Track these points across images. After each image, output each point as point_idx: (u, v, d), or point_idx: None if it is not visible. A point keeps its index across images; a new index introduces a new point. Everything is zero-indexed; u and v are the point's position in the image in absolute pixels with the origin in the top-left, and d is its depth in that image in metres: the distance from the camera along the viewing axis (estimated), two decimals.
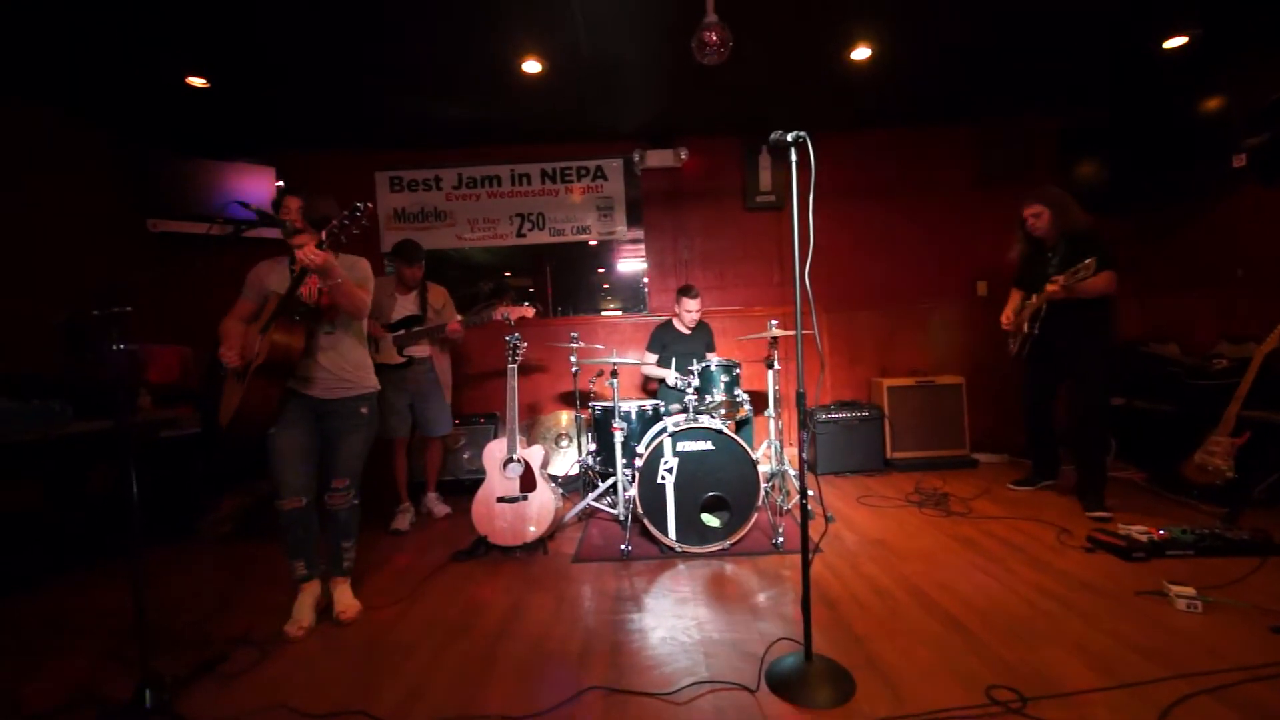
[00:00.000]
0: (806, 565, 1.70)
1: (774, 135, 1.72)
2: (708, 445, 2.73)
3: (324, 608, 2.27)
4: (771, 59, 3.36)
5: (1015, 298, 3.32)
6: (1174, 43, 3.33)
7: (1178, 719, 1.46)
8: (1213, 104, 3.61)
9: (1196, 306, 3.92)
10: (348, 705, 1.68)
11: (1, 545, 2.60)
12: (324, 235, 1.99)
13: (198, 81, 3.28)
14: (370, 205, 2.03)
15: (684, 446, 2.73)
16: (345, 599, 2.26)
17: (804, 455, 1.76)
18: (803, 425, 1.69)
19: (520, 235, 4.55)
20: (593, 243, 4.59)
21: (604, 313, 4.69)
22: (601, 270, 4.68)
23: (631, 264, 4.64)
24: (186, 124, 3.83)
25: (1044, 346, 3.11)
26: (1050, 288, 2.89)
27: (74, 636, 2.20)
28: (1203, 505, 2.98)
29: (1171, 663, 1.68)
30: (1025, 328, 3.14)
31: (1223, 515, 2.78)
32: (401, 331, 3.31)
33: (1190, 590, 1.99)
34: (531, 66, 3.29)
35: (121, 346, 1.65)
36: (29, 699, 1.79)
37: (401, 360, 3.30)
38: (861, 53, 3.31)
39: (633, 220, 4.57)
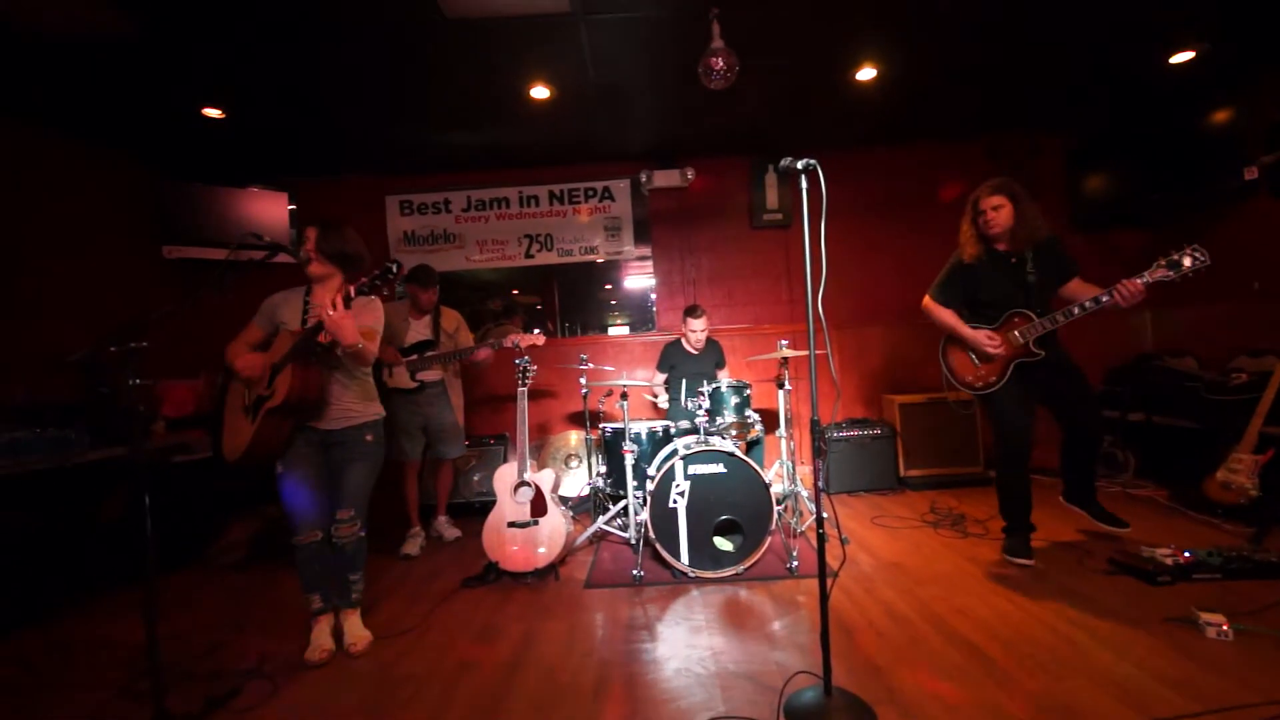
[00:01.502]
0: (824, 599, 1.67)
1: (783, 162, 1.72)
2: (719, 468, 2.71)
3: (341, 634, 2.26)
4: (777, 82, 3.39)
5: (950, 315, 2.74)
6: (1181, 58, 3.32)
7: None
8: (1222, 116, 3.60)
9: (1211, 319, 3.87)
10: None
11: (14, 574, 2.60)
12: (353, 290, 2.00)
13: (213, 112, 3.34)
14: (402, 267, 2.05)
15: (696, 469, 2.71)
16: (355, 630, 2.24)
17: (819, 484, 1.74)
18: (817, 454, 1.67)
19: (529, 256, 4.57)
20: (600, 260, 4.61)
21: (611, 329, 4.70)
22: (609, 287, 4.70)
23: (639, 280, 4.66)
24: (201, 152, 3.90)
25: (1026, 371, 2.62)
26: (1136, 286, 2.30)
27: (87, 670, 2.19)
28: (1227, 524, 2.92)
29: (1204, 696, 1.63)
30: (1034, 349, 2.56)
31: (1249, 535, 2.72)
32: (415, 357, 3.33)
33: (1220, 617, 1.94)
34: (540, 93, 3.33)
35: (137, 381, 1.66)
36: None
37: (414, 385, 3.32)
38: (867, 73, 3.33)
39: (640, 239, 4.59)
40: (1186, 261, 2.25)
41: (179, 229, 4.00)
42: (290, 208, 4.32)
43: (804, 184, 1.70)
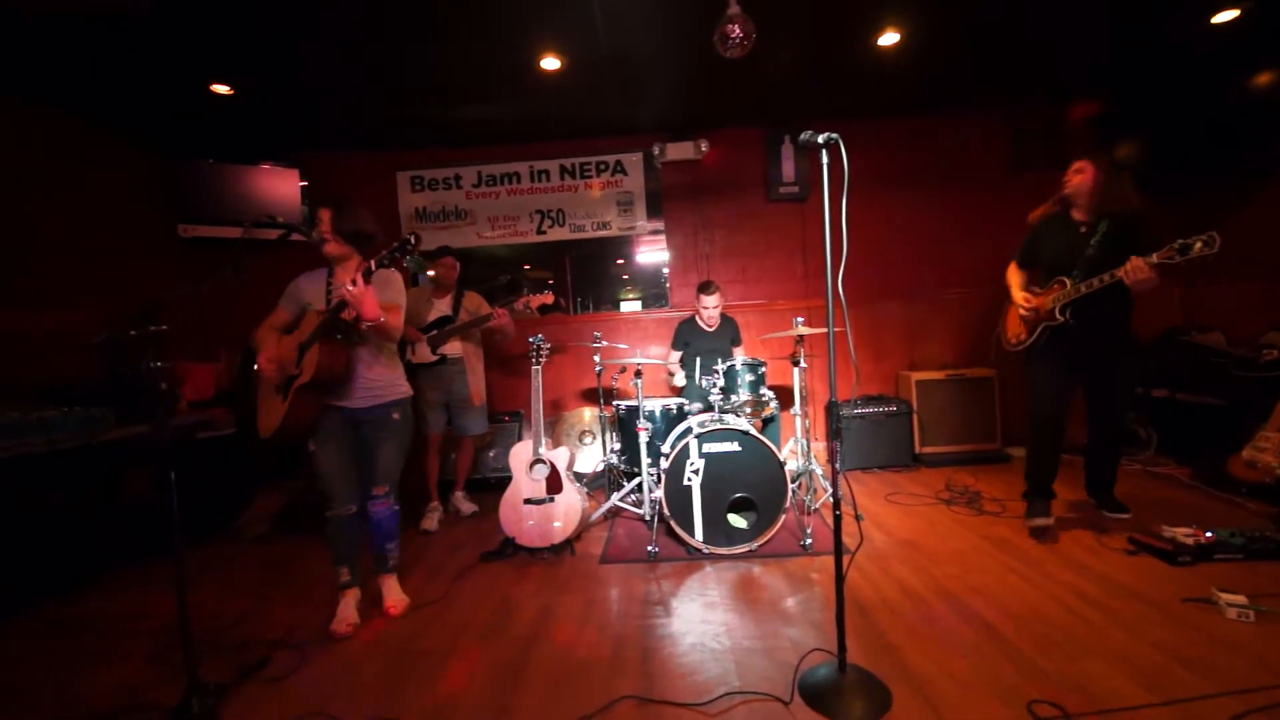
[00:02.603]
0: (840, 579, 1.68)
1: (804, 136, 1.67)
2: (734, 446, 2.71)
3: (368, 605, 2.34)
4: (795, 48, 3.27)
5: (1019, 276, 2.82)
6: (1223, 17, 3.15)
7: None
8: (1263, 80, 3.42)
9: (1241, 295, 3.75)
10: (385, 712, 1.71)
11: (45, 550, 2.69)
12: (373, 265, 2.00)
13: (222, 89, 3.31)
14: (419, 239, 1.99)
15: (710, 448, 2.71)
16: (394, 593, 2.36)
17: (836, 465, 1.73)
18: (834, 435, 1.66)
19: (540, 232, 4.53)
20: (612, 236, 4.56)
21: (624, 305, 4.68)
22: (621, 262, 4.66)
23: (652, 255, 4.61)
24: (211, 129, 3.87)
25: (1065, 342, 2.60)
26: (1137, 263, 2.30)
27: (118, 641, 2.27)
28: (1251, 504, 2.87)
29: (1222, 678, 1.63)
30: (1059, 315, 2.55)
31: (1273, 515, 2.67)
32: (435, 332, 3.40)
33: (1241, 598, 1.92)
34: (550, 64, 3.25)
35: (158, 364, 1.67)
36: (82, 706, 1.85)
37: (435, 358, 3.39)
38: (890, 38, 3.20)
39: (653, 214, 4.52)
40: (1197, 245, 2.19)
41: (193, 207, 4.00)
42: (302, 184, 4.30)
43: (824, 159, 1.64)
